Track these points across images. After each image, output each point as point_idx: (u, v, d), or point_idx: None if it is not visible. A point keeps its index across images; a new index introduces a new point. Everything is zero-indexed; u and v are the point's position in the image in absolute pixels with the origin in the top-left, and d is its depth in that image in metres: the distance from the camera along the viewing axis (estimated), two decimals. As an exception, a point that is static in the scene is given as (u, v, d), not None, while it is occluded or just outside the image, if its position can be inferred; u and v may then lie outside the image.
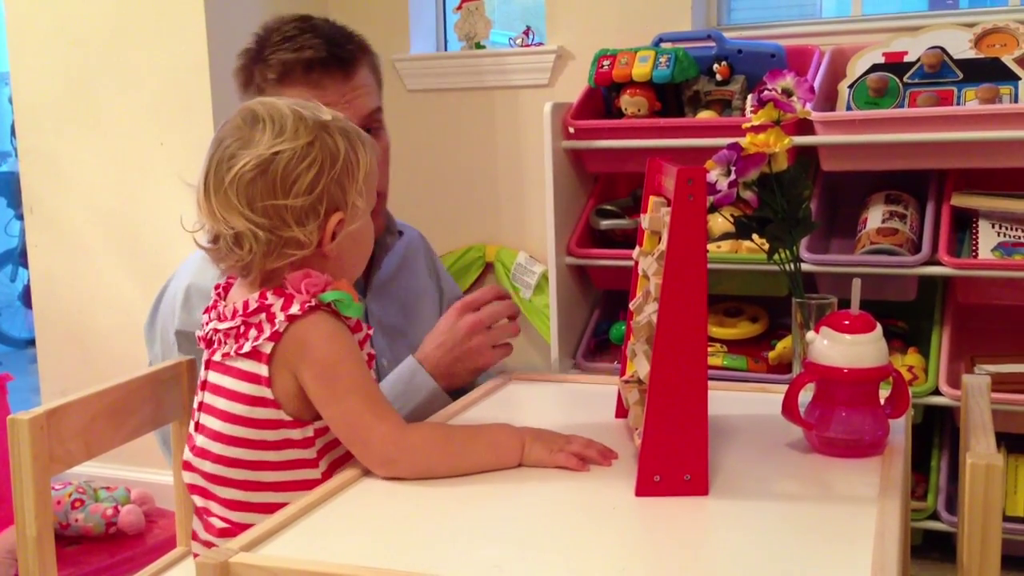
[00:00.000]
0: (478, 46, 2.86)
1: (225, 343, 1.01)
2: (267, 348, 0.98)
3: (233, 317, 1.00)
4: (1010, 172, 2.17)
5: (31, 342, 3.19)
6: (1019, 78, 2.14)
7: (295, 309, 0.97)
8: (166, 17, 2.54)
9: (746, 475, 0.97)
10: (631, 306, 1.10)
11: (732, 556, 0.81)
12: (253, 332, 0.99)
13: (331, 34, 1.36)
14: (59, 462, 1.10)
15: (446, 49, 3.04)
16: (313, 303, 0.97)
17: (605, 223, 2.39)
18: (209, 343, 1.04)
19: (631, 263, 1.13)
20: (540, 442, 1.00)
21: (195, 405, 1.06)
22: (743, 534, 0.85)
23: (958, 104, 2.16)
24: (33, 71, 2.71)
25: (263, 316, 0.99)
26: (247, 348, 0.99)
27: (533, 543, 0.84)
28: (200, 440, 1.03)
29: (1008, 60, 2.18)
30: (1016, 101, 2.12)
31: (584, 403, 1.23)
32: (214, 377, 1.03)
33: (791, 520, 0.87)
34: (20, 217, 4.51)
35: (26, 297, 4.29)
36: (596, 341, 2.48)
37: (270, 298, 0.99)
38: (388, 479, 0.96)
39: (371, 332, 1.05)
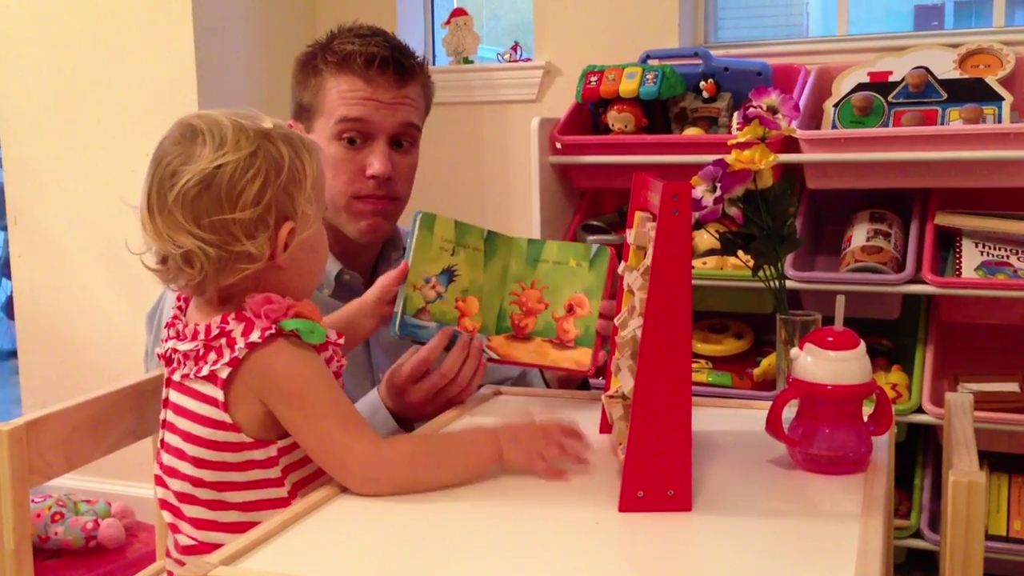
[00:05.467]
0: (466, 61, 2.87)
1: (184, 364, 0.99)
2: (224, 373, 0.96)
3: (193, 339, 0.98)
4: (993, 192, 2.19)
5: (13, 353, 3.17)
6: (1003, 98, 2.16)
7: (255, 336, 0.95)
8: (153, 27, 2.53)
9: (729, 491, 0.97)
10: (616, 321, 1.10)
11: (715, 572, 0.81)
12: (212, 356, 0.97)
13: (399, 44, 1.42)
14: (39, 474, 1.08)
15: (434, 64, 3.04)
16: (274, 330, 0.95)
17: (591, 238, 2.39)
18: (169, 361, 1.02)
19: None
20: (518, 447, 0.99)
21: (160, 422, 1.05)
22: (726, 550, 0.85)
23: (942, 124, 2.17)
24: (18, 81, 2.70)
25: (223, 341, 0.96)
26: (205, 372, 0.97)
27: (515, 558, 0.83)
28: (166, 459, 1.02)
29: (992, 81, 2.20)
30: (999, 121, 2.14)
31: (568, 418, 1.23)
32: (175, 397, 1.01)
33: (774, 537, 0.87)
34: (3, 228, 4.48)
35: (9, 308, 4.26)
36: (581, 356, 2.48)
37: (231, 323, 0.97)
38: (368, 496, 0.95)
39: (340, 341, 1.02)
